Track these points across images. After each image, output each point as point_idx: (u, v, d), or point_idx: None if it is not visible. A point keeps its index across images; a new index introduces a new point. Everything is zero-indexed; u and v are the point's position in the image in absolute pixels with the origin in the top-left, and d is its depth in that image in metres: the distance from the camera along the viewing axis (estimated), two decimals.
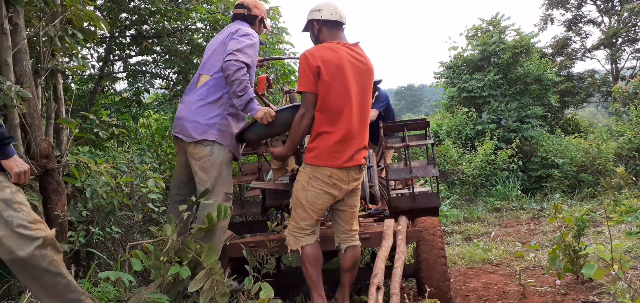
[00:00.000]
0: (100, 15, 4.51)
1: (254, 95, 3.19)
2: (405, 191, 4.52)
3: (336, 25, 3.13)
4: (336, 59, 2.93)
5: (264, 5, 3.69)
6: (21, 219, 2.35)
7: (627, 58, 20.42)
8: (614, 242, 2.95)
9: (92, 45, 5.45)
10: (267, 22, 3.65)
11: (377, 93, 5.86)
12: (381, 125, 4.49)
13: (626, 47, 20.09)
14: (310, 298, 3.05)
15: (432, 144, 4.11)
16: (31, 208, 3.07)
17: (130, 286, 3.07)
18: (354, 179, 3.06)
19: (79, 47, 3.70)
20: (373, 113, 5.66)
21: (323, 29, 3.14)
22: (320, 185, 2.96)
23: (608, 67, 20.86)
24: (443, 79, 13.51)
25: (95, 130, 4.54)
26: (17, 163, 2.40)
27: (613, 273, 2.73)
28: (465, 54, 12.89)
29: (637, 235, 3.81)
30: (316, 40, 3.17)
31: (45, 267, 2.36)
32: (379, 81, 5.97)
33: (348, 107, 2.92)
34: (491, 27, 12.82)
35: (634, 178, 8.93)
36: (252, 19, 3.53)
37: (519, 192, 9.71)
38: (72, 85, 5.35)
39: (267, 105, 3.80)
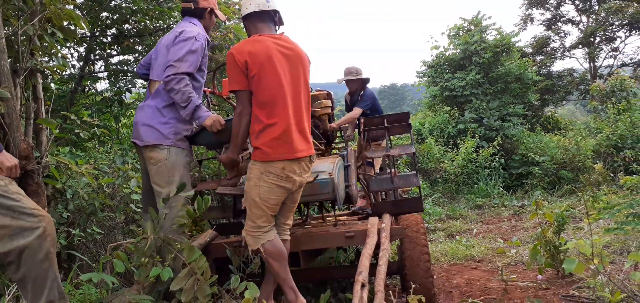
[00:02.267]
0: (80, 14, 4.45)
1: (200, 101, 3.10)
2: (388, 185, 4.36)
3: (258, 17, 3.03)
4: (263, 50, 2.86)
5: None
6: (23, 207, 2.33)
7: (605, 57, 20.81)
8: (593, 237, 3.01)
9: (72, 44, 5.38)
10: (219, 12, 3.53)
11: (362, 92, 5.88)
12: (361, 121, 4.45)
13: (603, 46, 20.46)
14: (285, 300, 3.01)
15: (414, 154, 4.05)
16: None
17: (112, 288, 3.04)
18: (304, 171, 3.00)
19: (59, 47, 3.64)
20: (356, 111, 5.68)
21: (248, 25, 3.07)
22: (273, 180, 2.88)
23: (586, 66, 21.23)
24: (425, 78, 13.60)
25: (76, 130, 4.49)
26: (7, 157, 2.43)
27: (593, 267, 2.78)
28: (447, 53, 13.00)
29: (615, 230, 3.88)
30: (248, 35, 3.10)
31: (41, 258, 2.33)
32: (367, 80, 6.00)
33: (282, 97, 2.86)
34: (473, 27, 12.94)
35: (612, 175, 9.11)
36: (201, 12, 3.41)
37: (501, 189, 9.84)
38: (52, 85, 5.28)
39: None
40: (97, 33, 5.51)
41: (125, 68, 5.67)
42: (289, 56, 2.96)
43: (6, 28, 3.28)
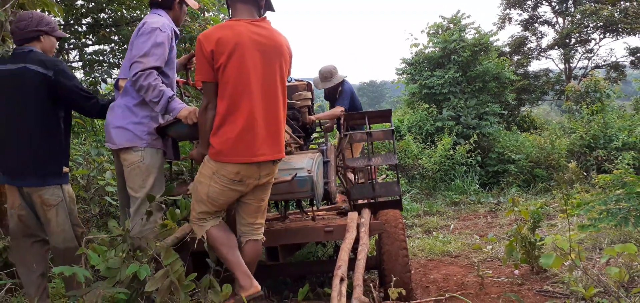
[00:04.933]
0: (54, 1, 4.33)
1: (173, 93, 2.87)
2: (364, 162, 4.28)
3: None
4: (232, 36, 2.58)
5: None
6: (75, 218, 3.09)
7: (580, 58, 21.28)
8: (569, 234, 3.05)
9: None
10: (191, 1, 3.23)
11: (340, 88, 5.82)
12: (341, 115, 4.42)
13: (578, 48, 20.93)
14: (238, 285, 2.76)
15: (392, 131, 4.03)
16: None
17: (85, 281, 2.97)
18: (267, 174, 2.77)
19: None
20: (337, 110, 5.62)
21: (230, 6, 2.77)
22: (224, 183, 2.66)
23: (562, 66, 21.68)
24: (404, 76, 13.68)
25: None
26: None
27: (570, 261, 2.83)
28: (426, 51, 13.09)
29: (589, 228, 3.97)
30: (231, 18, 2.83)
31: (75, 258, 2.72)
32: (343, 78, 5.91)
33: (247, 92, 2.59)
34: (452, 25, 13.06)
35: (585, 173, 9.32)
36: (169, 3, 3.12)
37: (477, 186, 9.97)
38: None
39: None
40: (72, 22, 5.36)
41: (101, 58, 5.54)
42: (263, 44, 2.66)
43: None
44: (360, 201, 4.23)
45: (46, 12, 3.56)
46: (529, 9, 21.57)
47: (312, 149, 4.50)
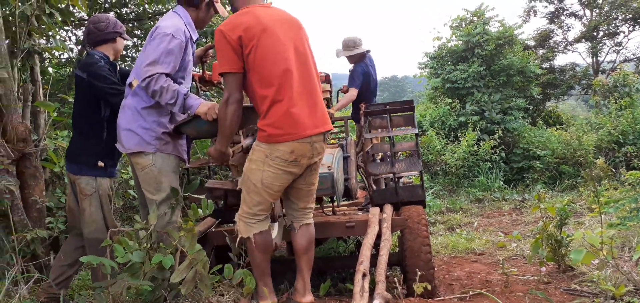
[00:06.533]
0: None
1: (186, 89, 2.82)
2: (388, 174, 4.11)
3: None
4: (256, 21, 2.55)
5: None
6: (108, 212, 3.21)
7: (608, 52, 20.72)
8: (597, 231, 2.97)
9: (70, 28, 5.32)
10: (219, 6, 3.10)
11: (352, 69, 5.58)
12: (361, 108, 4.22)
13: (606, 41, 20.37)
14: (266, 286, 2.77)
15: (417, 135, 3.90)
16: (8, 192, 3.00)
17: (112, 273, 3.00)
18: (318, 152, 2.70)
19: (57, 28, 3.58)
20: (351, 93, 5.45)
21: None
22: (279, 164, 2.59)
23: (589, 60, 21.15)
24: (427, 70, 13.53)
25: None
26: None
27: (601, 258, 2.74)
28: (449, 45, 12.92)
29: (618, 226, 3.85)
30: (234, 10, 2.77)
31: (104, 251, 2.70)
32: (364, 54, 5.60)
33: (284, 68, 2.56)
34: (475, 18, 12.86)
35: (614, 170, 9.08)
36: (197, 2, 3.00)
37: (501, 183, 9.81)
38: (50, 69, 5.22)
39: None
40: None
41: (124, 53, 5.61)
42: (283, 21, 2.66)
43: (3, 7, 3.22)
44: (381, 190, 4.15)
45: (71, 7, 3.61)
46: (555, 1, 21.07)
47: (332, 144, 4.44)
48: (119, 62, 5.55)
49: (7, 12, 3.21)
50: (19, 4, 3.15)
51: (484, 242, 5.69)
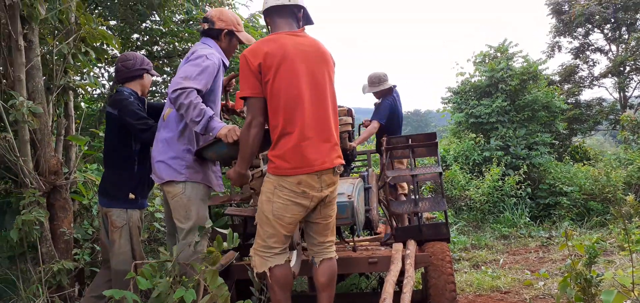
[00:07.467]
0: (112, 34, 4.56)
1: (212, 112, 2.84)
2: (411, 207, 4.02)
3: (278, 13, 2.75)
4: (278, 49, 2.58)
5: (233, 15, 3.24)
6: (137, 244, 3.25)
7: (635, 87, 20.36)
8: (629, 270, 2.89)
9: (103, 64, 5.51)
10: (242, 35, 3.21)
11: (379, 102, 5.58)
12: (383, 141, 4.21)
13: (634, 76, 20.04)
14: None
15: (440, 174, 3.85)
16: (38, 224, 3.09)
17: None
18: (328, 185, 2.69)
19: (91, 66, 3.72)
20: (373, 125, 5.42)
21: (269, 21, 2.80)
22: (288, 195, 2.60)
23: (616, 95, 20.79)
24: (450, 105, 13.50)
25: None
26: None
27: (633, 299, 2.66)
28: (472, 80, 12.89)
29: None
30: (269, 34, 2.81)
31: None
32: (390, 90, 5.59)
33: (300, 102, 2.57)
34: (499, 54, 12.84)
35: None
36: (216, 33, 3.14)
37: (527, 219, 9.60)
38: (82, 104, 5.40)
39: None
40: None
41: (155, 89, 5.77)
42: (308, 53, 2.66)
43: (42, 46, 3.38)
44: (404, 227, 4.10)
45: (105, 45, 3.76)
46: (580, 37, 20.89)
47: (353, 176, 4.41)
48: (149, 97, 5.72)
49: (45, 51, 3.36)
50: (56, 43, 3.30)
51: (510, 280, 5.56)
